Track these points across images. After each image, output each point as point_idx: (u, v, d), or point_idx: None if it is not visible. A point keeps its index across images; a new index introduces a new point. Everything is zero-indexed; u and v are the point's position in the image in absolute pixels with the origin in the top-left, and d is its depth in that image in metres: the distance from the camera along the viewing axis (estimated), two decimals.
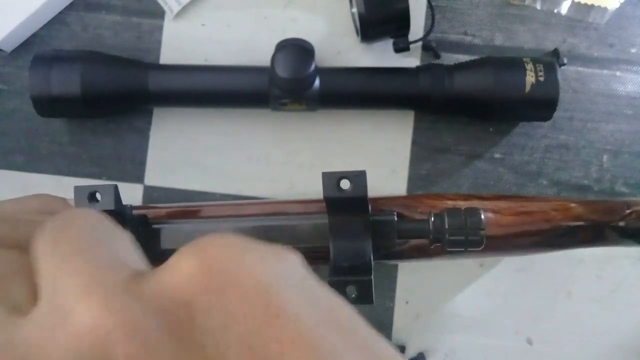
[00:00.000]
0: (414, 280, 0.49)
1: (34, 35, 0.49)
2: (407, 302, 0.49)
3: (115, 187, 0.33)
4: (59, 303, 0.16)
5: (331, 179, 0.33)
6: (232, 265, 0.17)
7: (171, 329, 0.16)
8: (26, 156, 0.49)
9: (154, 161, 0.49)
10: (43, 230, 0.19)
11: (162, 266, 0.18)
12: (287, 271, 0.18)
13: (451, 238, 0.33)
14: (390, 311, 0.48)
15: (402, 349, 0.48)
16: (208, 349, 0.16)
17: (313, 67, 0.44)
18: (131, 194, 0.48)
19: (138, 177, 0.49)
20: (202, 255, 0.17)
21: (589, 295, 0.49)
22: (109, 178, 0.49)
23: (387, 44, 0.47)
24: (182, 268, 0.17)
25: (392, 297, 0.49)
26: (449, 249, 0.33)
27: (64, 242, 0.18)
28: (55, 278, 0.17)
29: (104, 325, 0.16)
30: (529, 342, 0.49)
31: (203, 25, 0.49)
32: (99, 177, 0.49)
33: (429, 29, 0.48)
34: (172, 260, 0.18)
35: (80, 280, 0.16)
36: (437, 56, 0.49)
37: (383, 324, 0.48)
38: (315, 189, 0.36)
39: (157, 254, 0.38)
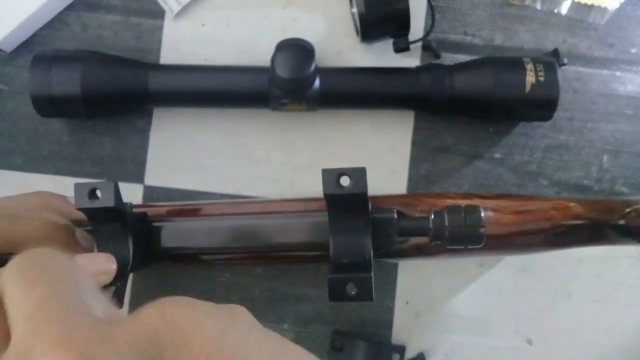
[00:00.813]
0: (414, 280, 0.49)
1: (34, 35, 0.49)
2: (407, 302, 0.48)
3: (116, 184, 0.33)
4: (30, 346, 0.17)
5: (331, 176, 0.33)
6: (186, 322, 0.20)
7: None
8: (26, 156, 0.49)
9: (154, 161, 0.49)
10: (13, 270, 0.19)
11: (130, 317, 0.20)
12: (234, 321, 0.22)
13: (451, 235, 0.33)
14: (390, 311, 0.48)
15: (402, 349, 0.48)
16: None
17: (313, 67, 0.44)
18: (131, 194, 0.48)
19: (138, 177, 0.49)
20: (162, 312, 0.20)
21: (589, 295, 0.49)
22: (109, 178, 0.49)
23: (387, 44, 0.47)
24: (150, 322, 0.19)
25: (392, 297, 0.48)
26: (449, 247, 0.33)
27: (37, 285, 0.19)
28: (29, 323, 0.18)
29: None
30: (529, 342, 0.49)
31: (203, 25, 0.49)
32: (99, 177, 0.49)
33: (429, 29, 0.48)
34: (139, 313, 0.20)
35: (55, 328, 0.17)
36: (437, 56, 0.49)
37: (383, 324, 0.48)
38: (315, 189, 0.35)
39: (157, 252, 0.38)
